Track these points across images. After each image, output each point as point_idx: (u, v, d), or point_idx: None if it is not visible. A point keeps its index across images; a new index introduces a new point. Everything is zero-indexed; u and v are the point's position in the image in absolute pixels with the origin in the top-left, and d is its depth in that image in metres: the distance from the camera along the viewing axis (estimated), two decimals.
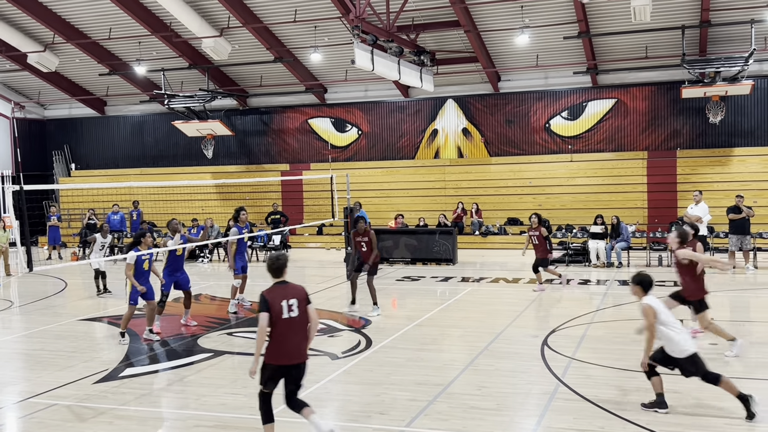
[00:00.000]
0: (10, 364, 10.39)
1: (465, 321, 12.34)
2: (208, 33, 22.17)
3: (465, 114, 25.37)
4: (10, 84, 28.46)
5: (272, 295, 6.56)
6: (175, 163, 28.45)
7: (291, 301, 6.56)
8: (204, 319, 13.00)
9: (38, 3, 21.92)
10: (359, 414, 7.66)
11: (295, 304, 6.58)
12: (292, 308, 6.55)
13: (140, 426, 7.69)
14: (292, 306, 6.55)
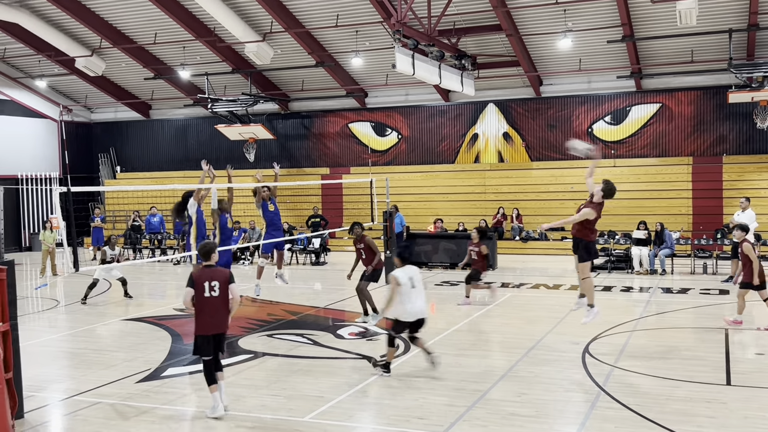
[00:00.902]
0: (56, 362, 10.62)
1: (504, 327, 12.25)
2: (251, 38, 22.42)
3: (506, 118, 25.21)
4: (58, 88, 29.14)
5: (199, 275, 7.88)
6: (218, 166, 28.57)
7: (213, 283, 7.84)
8: (245, 321, 13.12)
9: (86, 8, 22.42)
10: (397, 418, 7.65)
11: (216, 285, 7.85)
12: (213, 288, 7.82)
13: (181, 425, 7.80)
14: (214, 287, 7.83)
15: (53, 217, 24.80)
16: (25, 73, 27.63)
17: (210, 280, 7.85)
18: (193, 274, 7.96)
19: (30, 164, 28.36)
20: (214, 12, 21.02)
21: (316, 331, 12.07)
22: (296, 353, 10.60)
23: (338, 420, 7.66)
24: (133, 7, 22.05)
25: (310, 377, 9.29)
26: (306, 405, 8.12)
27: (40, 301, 16.09)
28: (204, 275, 7.89)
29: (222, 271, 8.02)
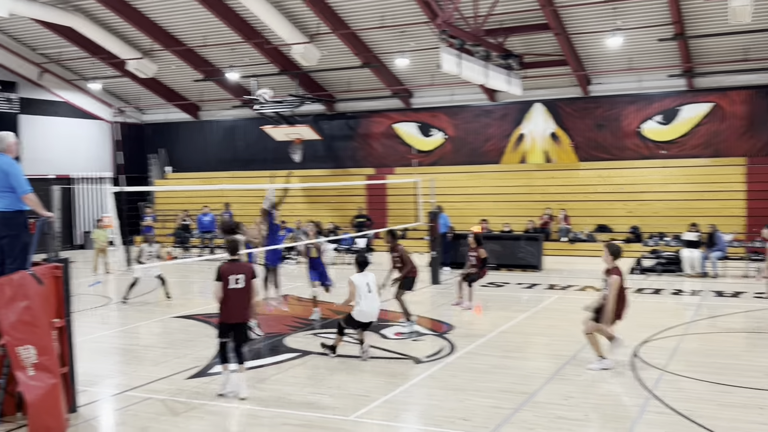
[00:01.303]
0: (108, 357, 10.87)
1: (551, 329, 12.13)
2: (298, 39, 22.62)
3: (553, 118, 24.94)
4: (110, 90, 29.81)
5: (226, 269, 8.55)
6: (265, 167, 29.10)
7: (238, 276, 8.52)
8: (291, 320, 13.24)
9: (138, 12, 22.89)
10: (443, 419, 7.64)
11: (242, 278, 8.54)
12: (238, 281, 8.51)
13: (229, 422, 7.91)
14: (239, 279, 8.51)
15: (106, 215, 25.41)
16: (79, 76, 28.34)
17: (236, 274, 8.53)
18: (220, 268, 8.55)
19: (83, 165, 29.07)
20: (262, 14, 21.26)
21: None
22: (341, 352, 10.65)
23: (383, 420, 7.68)
24: (184, 10, 22.44)
25: (355, 376, 9.34)
26: (351, 404, 8.17)
27: (93, 298, 16.48)
28: (230, 269, 8.56)
29: (246, 266, 8.81)
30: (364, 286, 10.11)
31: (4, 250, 7.68)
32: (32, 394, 7.33)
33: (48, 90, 27.85)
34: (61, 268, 7.83)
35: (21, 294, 7.40)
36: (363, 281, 10.16)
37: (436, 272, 17.51)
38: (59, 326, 7.72)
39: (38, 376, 7.37)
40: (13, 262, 7.61)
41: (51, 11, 22.35)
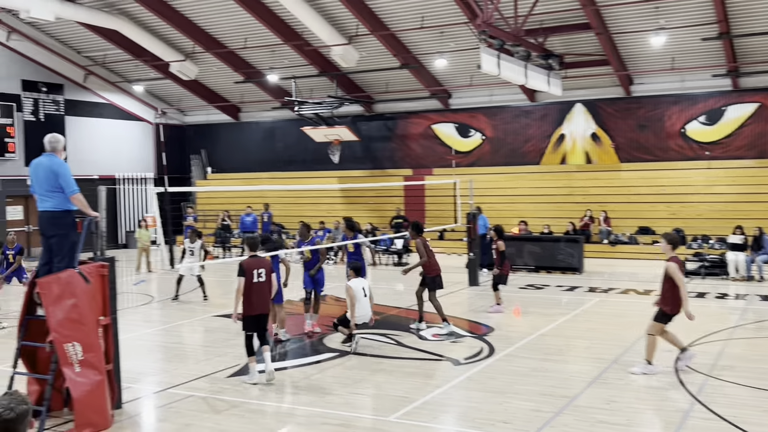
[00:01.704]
0: (150, 355, 11.05)
1: (592, 332, 11.99)
2: (337, 41, 22.73)
3: (594, 118, 24.64)
4: (153, 92, 30.30)
5: (249, 264, 9.13)
6: (304, 168, 29.31)
7: (260, 270, 9.13)
8: (329, 320, 13.30)
9: (181, 14, 23.23)
10: (482, 421, 7.61)
11: (263, 272, 9.15)
12: (260, 275, 9.10)
13: (269, 420, 7.98)
14: (261, 273, 9.11)
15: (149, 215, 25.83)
16: (123, 78, 28.86)
17: (258, 268, 9.16)
18: (243, 263, 9.18)
19: (127, 165, 29.59)
20: (302, 16, 21.41)
21: (399, 332, 12.12)
22: (380, 353, 10.68)
23: (423, 421, 7.67)
24: (225, 12, 22.70)
25: (394, 377, 9.35)
26: (391, 405, 8.18)
27: (136, 296, 16.77)
28: (253, 264, 9.18)
29: (266, 261, 9.42)
30: (360, 290, 10.81)
31: (53, 249, 7.86)
32: (78, 390, 7.49)
33: (93, 92, 28.42)
34: (107, 267, 7.99)
35: (68, 292, 7.57)
36: (359, 286, 10.86)
37: (474, 274, 17.43)
38: (105, 324, 7.87)
39: (84, 372, 7.52)
40: (60, 261, 7.78)
41: (96, 14, 22.80)
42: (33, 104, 26.00)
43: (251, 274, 9.11)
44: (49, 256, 7.90)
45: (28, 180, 8.55)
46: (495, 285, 14.06)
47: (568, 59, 21.82)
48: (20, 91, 25.57)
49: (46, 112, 26.41)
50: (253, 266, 9.18)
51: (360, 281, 10.98)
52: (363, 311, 10.86)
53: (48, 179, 7.80)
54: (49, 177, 7.80)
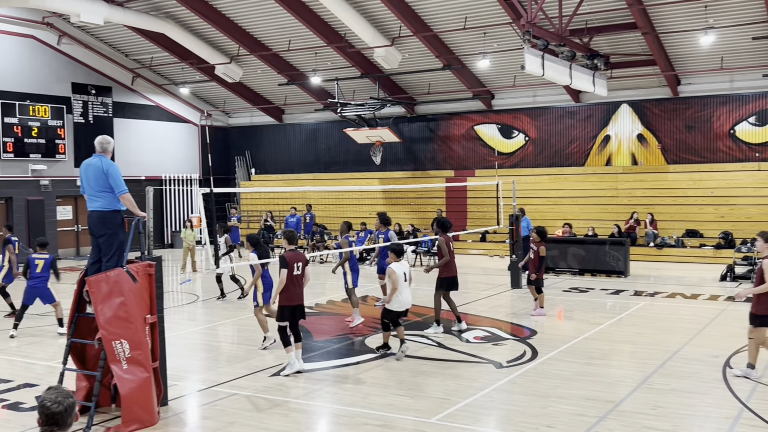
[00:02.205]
0: (195, 353, 11.21)
1: (637, 337, 11.79)
2: (380, 43, 22.78)
3: (640, 119, 24.26)
4: (199, 94, 30.75)
5: (290, 258, 9.52)
6: (345, 169, 29.44)
7: (299, 263, 9.55)
8: (371, 321, 13.34)
9: (226, 18, 23.54)
10: (525, 425, 7.54)
11: (300, 265, 9.56)
12: (299, 268, 9.55)
13: (312, 419, 8.04)
14: (299, 266, 9.55)
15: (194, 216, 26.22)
16: (169, 80, 29.35)
17: (297, 261, 9.58)
18: (284, 256, 9.53)
19: (173, 166, 30.09)
20: (345, 18, 21.51)
21: (441, 334, 12.07)
22: (421, 354, 10.66)
23: (465, 423, 7.64)
24: (270, 15, 22.94)
25: (435, 379, 9.32)
26: (432, 406, 8.16)
27: (181, 295, 17.03)
28: (293, 257, 9.58)
29: (303, 255, 9.80)
30: (401, 275, 10.41)
31: (102, 248, 8.03)
32: (125, 387, 7.63)
33: (140, 94, 28.96)
34: (154, 266, 8.13)
35: (117, 290, 7.72)
36: (401, 270, 10.46)
37: (517, 276, 17.28)
38: (151, 322, 8.01)
39: (131, 369, 7.67)
40: (109, 260, 7.94)
41: (144, 18, 23.25)
42: (82, 106, 26.60)
43: (292, 267, 9.47)
44: (99, 254, 8.07)
45: (78, 181, 8.75)
46: (538, 288, 13.87)
47: (614, 59, 21.52)
48: (70, 93, 26.19)
49: (95, 114, 27.00)
50: (293, 259, 9.54)
51: (402, 265, 10.57)
52: (404, 297, 10.49)
53: (98, 180, 7.97)
54: (98, 177, 7.97)
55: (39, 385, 9.23)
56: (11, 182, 24.31)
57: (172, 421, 7.90)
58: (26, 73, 24.89)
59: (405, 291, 10.47)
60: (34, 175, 24.92)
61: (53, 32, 25.48)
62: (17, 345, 11.77)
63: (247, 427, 7.62)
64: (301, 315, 9.69)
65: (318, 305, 15.26)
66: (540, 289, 13.83)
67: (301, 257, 9.70)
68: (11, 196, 24.35)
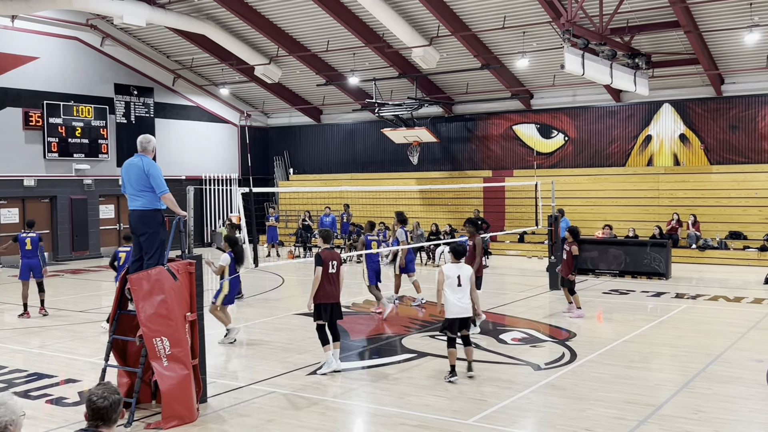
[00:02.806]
0: (234, 351, 11.33)
1: (679, 340, 11.59)
2: (418, 43, 22.76)
3: (683, 119, 23.84)
4: (238, 94, 31.08)
5: (326, 256, 9.57)
6: (383, 169, 29.48)
7: (333, 262, 9.57)
8: (407, 321, 13.34)
9: (265, 19, 23.74)
10: (563, 428, 7.46)
11: (335, 264, 9.58)
12: (333, 266, 9.56)
13: (349, 418, 8.06)
14: (334, 265, 9.56)
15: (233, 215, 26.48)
16: (209, 81, 29.71)
17: (332, 260, 9.61)
18: (320, 254, 9.60)
19: (213, 166, 30.45)
20: (384, 18, 21.53)
21: (478, 334, 12.02)
22: (458, 355, 10.61)
23: (502, 425, 7.59)
24: (309, 16, 23.08)
25: (472, 380, 9.27)
26: (469, 408, 8.13)
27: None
28: (329, 256, 9.62)
29: (338, 254, 9.77)
30: (455, 279, 9.28)
31: (143, 246, 8.16)
32: (166, 384, 7.74)
33: (181, 95, 29.36)
34: (194, 264, 8.24)
35: (158, 288, 7.84)
36: (455, 273, 9.31)
37: (556, 277, 17.10)
38: (191, 320, 8.11)
39: (171, 366, 7.77)
40: (150, 258, 8.07)
41: (185, 20, 23.57)
42: (125, 107, 27.07)
43: (327, 265, 9.50)
44: (140, 253, 8.21)
45: (120, 180, 8.90)
46: (571, 290, 13.70)
47: (656, 58, 21.19)
48: (113, 94, 26.67)
49: (137, 115, 27.45)
50: (328, 258, 9.56)
51: (458, 267, 9.40)
52: (458, 302, 9.23)
53: (139, 179, 8.10)
54: (140, 177, 8.09)
55: (82, 381, 9.42)
56: (56, 181, 24.85)
57: (211, 418, 7.99)
58: (70, 74, 25.42)
59: (458, 296, 9.26)
60: (77, 174, 25.43)
61: (97, 34, 25.98)
62: (61, 341, 12.03)
63: (285, 425, 7.67)
64: (338, 314, 9.70)
65: (355, 305, 15.30)
66: (573, 290, 13.67)
67: (336, 256, 9.72)
68: (56, 195, 24.89)
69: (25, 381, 9.51)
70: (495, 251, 24.55)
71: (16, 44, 23.81)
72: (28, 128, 24.08)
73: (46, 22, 24.39)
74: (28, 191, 24.19)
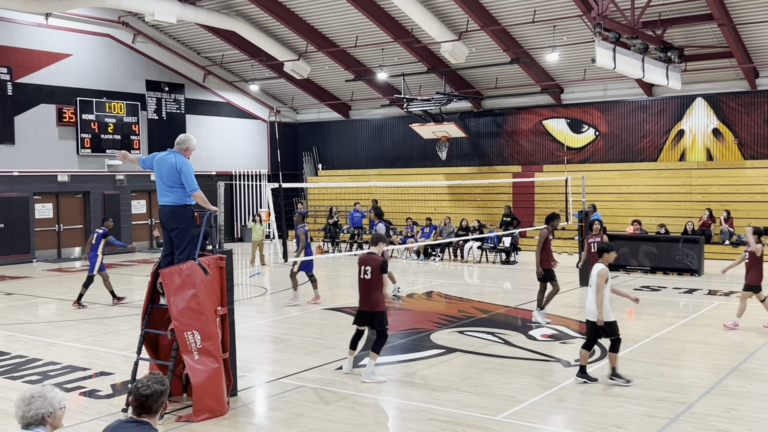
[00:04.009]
0: (263, 345, 11.42)
1: (711, 337, 11.44)
2: (447, 37, 22.68)
3: (716, 113, 23.47)
4: (268, 91, 31.24)
5: (359, 260, 9.21)
6: (411, 165, 29.45)
7: (366, 267, 9.06)
8: (436, 316, 13.33)
9: (295, 15, 23.84)
10: (594, 425, 7.41)
11: (369, 270, 9.03)
12: (366, 272, 9.05)
13: (378, 413, 8.08)
14: (366, 271, 9.04)
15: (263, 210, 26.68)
16: (239, 77, 29.91)
17: (365, 265, 9.13)
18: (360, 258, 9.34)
19: (242, 162, 30.67)
20: (412, 13, 21.49)
21: (507, 331, 11.98)
22: (487, 351, 10.59)
23: (532, 422, 7.56)
24: (337, 12, 23.12)
25: (502, 376, 9.25)
26: (498, 404, 8.10)
27: (250, 288, 17.36)
28: (362, 260, 9.21)
29: (376, 259, 9.14)
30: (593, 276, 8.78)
31: (174, 241, 8.25)
32: (197, 377, 7.82)
33: (211, 91, 29.60)
34: (224, 259, 8.31)
35: (189, 283, 7.92)
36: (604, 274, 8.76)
37: (587, 273, 16.95)
38: (222, 314, 8.19)
39: (202, 360, 7.86)
40: (181, 253, 8.15)
41: (215, 16, 23.76)
42: (156, 103, 27.36)
43: (359, 269, 9.19)
44: (171, 247, 8.29)
45: (152, 176, 8.99)
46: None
47: (689, 52, 20.89)
48: (144, 91, 26.98)
49: (168, 111, 27.74)
50: (361, 262, 9.22)
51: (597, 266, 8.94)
52: (588, 304, 8.92)
53: (170, 175, 8.18)
54: (171, 173, 8.18)
55: (114, 374, 9.56)
56: (89, 177, 25.21)
57: (241, 412, 8.06)
58: (103, 71, 25.75)
59: (588, 297, 8.98)
60: (110, 170, 25.79)
61: (128, 31, 26.28)
62: (95, 335, 12.22)
63: (314, 419, 7.72)
64: (367, 322, 9.18)
65: None
66: None
67: (372, 261, 9.08)
68: (89, 190, 25.26)
69: (59, 373, 9.68)
70: (524, 247, 24.39)
71: (50, 42, 24.19)
72: (61, 124, 24.47)
73: (80, 20, 24.74)
74: (62, 186, 24.59)
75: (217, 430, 7.49)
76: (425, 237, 23.52)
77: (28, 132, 23.59)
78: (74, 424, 7.61)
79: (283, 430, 7.46)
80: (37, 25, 23.66)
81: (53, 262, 23.48)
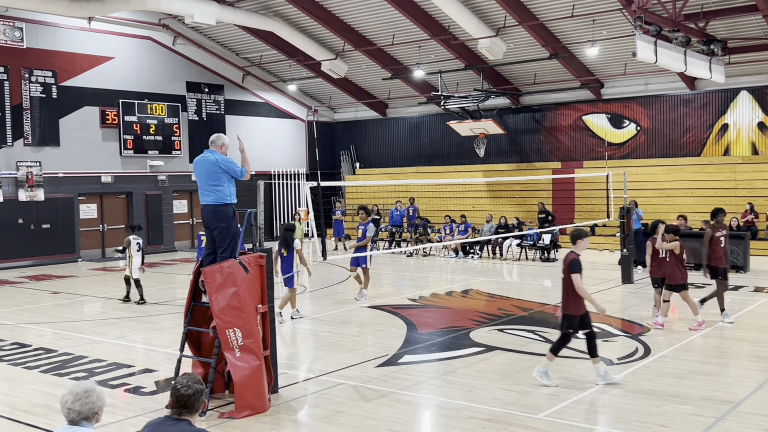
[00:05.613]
0: (304, 343, 11.50)
1: (758, 335, 11.18)
2: (484, 34, 22.54)
3: (761, 106, 22.92)
4: (306, 90, 31.41)
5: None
6: (449, 162, 29.35)
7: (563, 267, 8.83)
8: (475, 314, 13.27)
9: (331, 14, 23.92)
10: (638, 424, 7.30)
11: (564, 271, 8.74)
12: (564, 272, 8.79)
13: (417, 411, 8.08)
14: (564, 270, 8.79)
15: (302, 209, 26.85)
16: (277, 77, 30.13)
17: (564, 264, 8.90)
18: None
19: (281, 161, 30.90)
20: (449, 10, 21.40)
21: (547, 329, 11.86)
22: (527, 349, 10.51)
23: (574, 420, 7.48)
24: (374, 10, 23.14)
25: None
26: (540, 402, 8.04)
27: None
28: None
29: (565, 259, 8.92)
30: None
31: (216, 240, 8.35)
32: (238, 375, 7.91)
33: (250, 91, 29.87)
34: (265, 257, 8.38)
35: (230, 281, 8.00)
36: None
37: (628, 271, 16.75)
38: (263, 312, 8.26)
39: (244, 357, 7.94)
40: (223, 251, 8.24)
41: (253, 17, 23.96)
42: (196, 104, 27.71)
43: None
44: (213, 246, 8.39)
45: (193, 176, 9.12)
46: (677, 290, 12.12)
47: (732, 44, 20.43)
48: (185, 92, 27.33)
49: (208, 112, 28.07)
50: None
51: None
52: None
53: (209, 174, 8.29)
54: (210, 172, 8.29)
55: (158, 371, 9.71)
56: (131, 177, 25.65)
57: (282, 408, 8.13)
58: (144, 73, 26.17)
59: None
60: (152, 170, 26.20)
61: (169, 33, 26.66)
62: (138, 332, 12.43)
63: (354, 416, 7.74)
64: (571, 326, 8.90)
65: (422, 297, 15.30)
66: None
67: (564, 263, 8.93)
68: (131, 190, 25.69)
69: (105, 370, 9.87)
70: (564, 244, 24.12)
71: (92, 45, 24.65)
72: (104, 126, 24.92)
73: (121, 23, 25.17)
74: (106, 187, 25.05)
75: (259, 426, 7.56)
76: (461, 235, 23.43)
77: (72, 134, 24.07)
78: (119, 420, 7.76)
79: (323, 427, 7.50)
80: (80, 29, 24.14)
81: (97, 262, 23.94)
